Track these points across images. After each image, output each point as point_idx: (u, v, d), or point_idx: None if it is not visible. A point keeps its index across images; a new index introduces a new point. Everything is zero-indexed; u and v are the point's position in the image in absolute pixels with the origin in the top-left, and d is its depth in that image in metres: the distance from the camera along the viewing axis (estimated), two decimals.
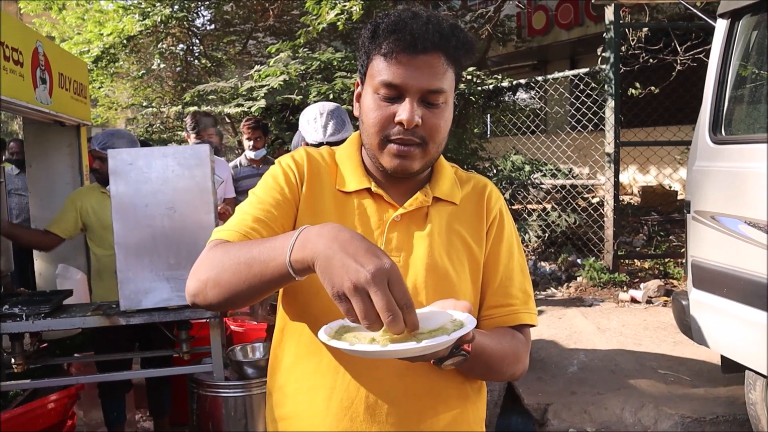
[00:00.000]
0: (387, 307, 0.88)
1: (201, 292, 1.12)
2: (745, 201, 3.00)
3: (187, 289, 1.16)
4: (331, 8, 6.26)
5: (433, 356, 1.02)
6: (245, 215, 1.21)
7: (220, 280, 1.08)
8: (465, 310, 1.04)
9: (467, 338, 1.02)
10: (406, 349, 0.92)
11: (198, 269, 1.14)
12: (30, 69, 3.47)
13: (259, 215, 1.20)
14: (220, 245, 1.14)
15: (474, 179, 1.38)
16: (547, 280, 6.96)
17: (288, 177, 1.27)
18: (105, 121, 13.84)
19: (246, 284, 1.06)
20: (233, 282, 1.07)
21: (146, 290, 2.76)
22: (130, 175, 2.73)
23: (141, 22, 8.03)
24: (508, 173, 7.78)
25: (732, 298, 3.07)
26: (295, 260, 0.98)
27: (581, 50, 13.22)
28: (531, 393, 3.91)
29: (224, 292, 1.09)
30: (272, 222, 1.20)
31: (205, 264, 1.13)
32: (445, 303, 1.09)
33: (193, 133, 4.34)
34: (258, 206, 1.22)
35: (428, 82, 1.16)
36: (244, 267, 1.05)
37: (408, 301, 0.91)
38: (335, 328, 1.04)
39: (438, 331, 0.97)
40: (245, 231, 1.17)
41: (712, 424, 3.49)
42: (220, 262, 1.09)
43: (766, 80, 3.24)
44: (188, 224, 2.76)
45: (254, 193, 1.27)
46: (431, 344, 0.93)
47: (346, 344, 0.95)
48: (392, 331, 0.91)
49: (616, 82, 6.53)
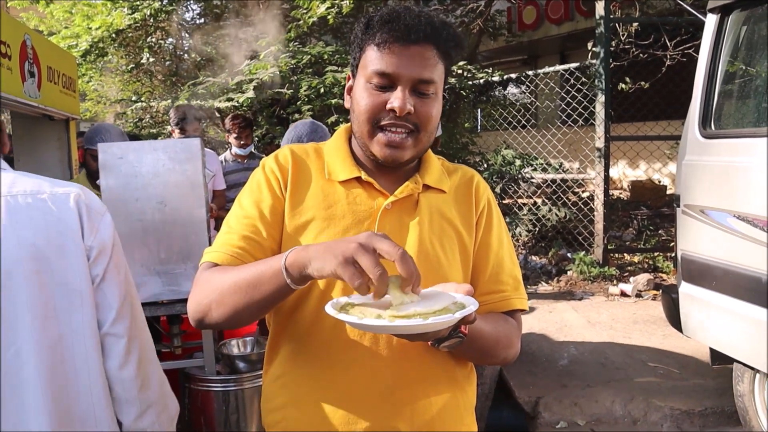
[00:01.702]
0: (392, 249, 0.97)
1: (206, 316, 1.17)
2: (735, 195, 3.02)
3: (189, 314, 1.21)
4: (321, 2, 6.24)
5: (435, 335, 1.06)
6: (231, 235, 1.24)
7: (224, 302, 1.14)
8: (466, 293, 1.09)
9: (470, 319, 1.06)
10: (413, 324, 0.97)
11: (197, 294, 1.19)
12: (18, 62, 3.44)
13: (245, 232, 1.23)
14: (214, 269, 1.19)
15: (461, 170, 1.41)
16: (538, 274, 6.99)
17: (270, 183, 1.29)
18: (94, 115, 13.74)
19: (247, 301, 1.11)
20: (236, 301, 1.12)
21: (137, 285, 2.71)
22: (121, 169, 2.71)
23: (130, 16, 7.97)
24: (498, 167, 7.80)
25: (721, 291, 3.10)
26: (290, 264, 1.04)
27: (571, 45, 13.26)
28: (522, 386, 3.93)
29: (229, 311, 1.14)
30: (258, 237, 1.23)
31: (204, 289, 1.18)
32: (446, 286, 1.13)
33: (177, 128, 4.32)
34: (244, 221, 1.25)
35: (420, 72, 1.19)
36: (244, 287, 1.11)
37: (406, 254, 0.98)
38: (341, 303, 1.07)
39: (442, 311, 1.01)
40: (233, 252, 1.21)
41: (701, 416, 3.53)
42: (218, 286, 1.14)
43: (755, 75, 3.26)
44: (179, 218, 2.75)
45: (240, 203, 1.29)
46: (437, 321, 0.98)
47: (355, 318, 0.99)
48: (402, 271, 0.97)
49: (606, 77, 6.55)
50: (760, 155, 2.89)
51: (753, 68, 3.29)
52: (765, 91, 3.15)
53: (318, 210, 1.25)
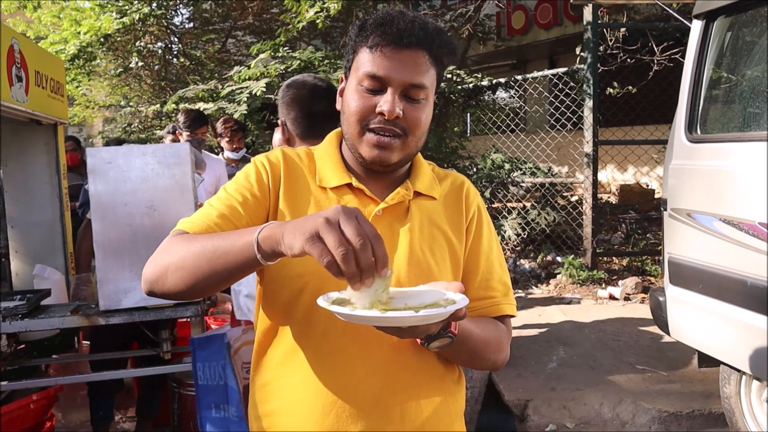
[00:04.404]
0: (358, 232, 0.91)
1: (161, 278, 1.12)
2: (721, 199, 3.05)
3: (144, 276, 1.15)
4: (310, 6, 6.25)
5: (425, 330, 1.06)
6: (211, 210, 1.22)
7: (184, 265, 1.09)
8: (457, 290, 1.09)
9: (460, 314, 1.06)
10: (404, 317, 0.97)
11: (158, 256, 1.14)
12: (5, 66, 3.43)
13: (224, 211, 1.21)
14: (182, 235, 1.16)
15: (451, 176, 1.42)
16: (527, 278, 7.01)
17: (260, 176, 1.28)
18: (82, 120, 13.67)
19: (210, 268, 1.07)
20: (197, 266, 1.08)
21: (126, 290, 2.74)
22: (110, 174, 2.70)
23: (118, 20, 7.94)
24: (487, 172, 7.82)
25: (707, 294, 3.13)
26: (262, 238, 1.01)
27: (560, 50, 13.34)
28: (511, 389, 3.94)
29: (186, 276, 1.09)
30: (236, 219, 1.21)
31: (166, 251, 1.13)
32: (437, 284, 1.14)
33: (187, 130, 4.29)
34: (225, 202, 1.23)
35: (411, 77, 1.19)
36: (210, 252, 1.07)
37: (376, 234, 0.94)
38: (333, 297, 1.07)
39: (432, 305, 1.01)
40: (208, 225, 1.18)
41: (688, 418, 3.55)
42: (184, 248, 1.10)
43: (740, 80, 3.29)
44: (168, 223, 2.74)
45: (225, 188, 1.28)
46: (428, 314, 0.98)
47: (347, 309, 0.98)
48: (361, 260, 0.92)
49: (594, 82, 6.60)
50: (745, 159, 2.92)
51: (738, 73, 3.32)
52: (750, 95, 3.19)
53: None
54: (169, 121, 7.04)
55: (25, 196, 4.21)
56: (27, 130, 4.20)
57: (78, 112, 12.83)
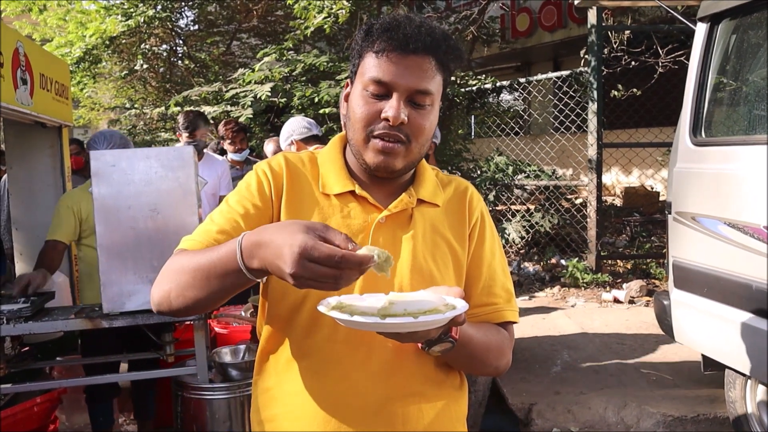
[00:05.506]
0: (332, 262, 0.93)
1: (165, 302, 1.17)
2: (725, 202, 3.04)
3: (151, 299, 1.20)
4: (318, 12, 6.25)
5: (425, 335, 1.07)
6: (212, 225, 1.24)
7: (184, 290, 1.14)
8: (457, 295, 1.10)
9: (459, 320, 1.06)
10: (404, 323, 0.98)
11: (161, 280, 1.19)
12: (10, 69, 3.44)
13: (225, 226, 1.22)
14: (182, 254, 1.19)
15: (455, 182, 1.41)
16: (531, 281, 7.00)
17: (261, 185, 1.28)
18: (87, 122, 13.71)
19: (206, 288, 1.11)
20: (196, 286, 1.12)
21: (129, 293, 2.74)
22: (113, 177, 2.71)
23: (124, 23, 7.97)
24: (491, 174, 7.80)
25: (712, 297, 3.11)
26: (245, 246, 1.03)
27: (564, 52, 13.32)
28: (515, 393, 3.93)
29: (189, 297, 1.14)
30: (237, 233, 1.20)
31: (167, 275, 1.18)
32: (437, 289, 1.14)
33: (186, 132, 4.25)
34: (226, 216, 1.24)
35: (417, 83, 1.18)
36: (204, 271, 1.10)
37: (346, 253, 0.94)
38: (332, 303, 1.07)
39: (432, 311, 1.02)
40: (208, 242, 1.20)
41: (693, 423, 3.53)
42: (181, 270, 1.14)
43: (744, 83, 3.28)
44: (172, 226, 2.75)
45: (227, 201, 1.29)
46: (427, 320, 0.99)
47: (346, 315, 1.00)
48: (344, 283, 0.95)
49: (598, 84, 6.58)
50: (750, 162, 2.91)
51: (742, 76, 3.31)
52: (755, 98, 3.18)
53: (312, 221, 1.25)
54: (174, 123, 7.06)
55: (29, 198, 4.22)
56: (32, 133, 4.22)
57: (83, 113, 12.87)
